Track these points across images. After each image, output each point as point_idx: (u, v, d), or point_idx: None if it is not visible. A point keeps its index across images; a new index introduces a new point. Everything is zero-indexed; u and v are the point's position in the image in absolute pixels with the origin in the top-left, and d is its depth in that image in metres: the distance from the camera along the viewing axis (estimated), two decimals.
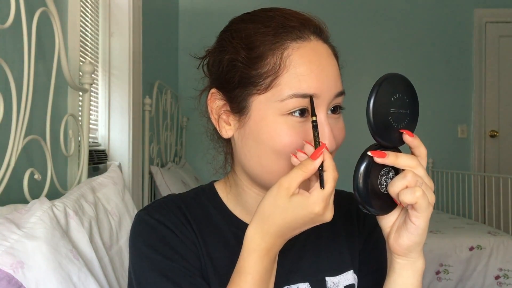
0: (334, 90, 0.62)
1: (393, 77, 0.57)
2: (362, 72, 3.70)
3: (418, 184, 0.55)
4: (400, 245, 0.58)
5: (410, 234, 0.57)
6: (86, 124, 1.42)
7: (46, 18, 1.16)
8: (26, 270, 0.78)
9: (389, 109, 0.56)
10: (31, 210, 0.91)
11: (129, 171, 1.95)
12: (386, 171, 0.58)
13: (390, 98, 0.56)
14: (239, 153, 0.66)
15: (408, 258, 0.60)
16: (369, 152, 0.56)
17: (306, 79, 0.60)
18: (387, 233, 0.60)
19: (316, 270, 0.70)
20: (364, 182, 0.56)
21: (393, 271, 0.61)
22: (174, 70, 3.38)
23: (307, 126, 0.61)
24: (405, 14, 3.80)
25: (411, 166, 0.56)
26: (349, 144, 4.07)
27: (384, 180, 0.58)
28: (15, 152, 1.00)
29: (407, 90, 0.58)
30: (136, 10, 2.02)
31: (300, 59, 0.61)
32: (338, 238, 0.74)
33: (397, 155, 0.56)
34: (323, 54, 0.63)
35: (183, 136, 3.39)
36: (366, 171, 0.56)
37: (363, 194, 0.56)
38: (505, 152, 3.85)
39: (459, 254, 2.51)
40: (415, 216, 0.56)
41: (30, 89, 1.05)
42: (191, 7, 3.58)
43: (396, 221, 0.60)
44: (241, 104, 0.63)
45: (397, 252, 0.59)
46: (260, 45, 0.62)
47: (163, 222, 0.66)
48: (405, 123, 0.58)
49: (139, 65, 2.08)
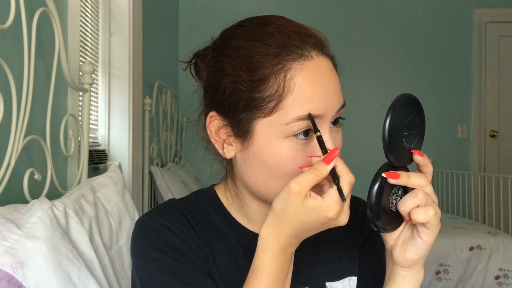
0: (336, 106, 0.62)
1: (405, 99, 0.58)
2: (361, 72, 3.70)
3: (428, 202, 0.56)
4: (405, 258, 0.60)
5: (417, 249, 0.58)
6: (86, 124, 1.42)
7: (46, 18, 1.16)
8: (26, 270, 0.78)
9: (402, 132, 0.58)
10: (31, 210, 0.91)
11: (129, 171, 1.95)
12: (396, 190, 0.60)
13: (404, 121, 0.58)
14: (242, 173, 0.65)
15: (411, 270, 0.61)
16: (383, 174, 0.58)
17: (311, 101, 0.59)
18: (391, 245, 0.61)
19: (316, 275, 0.70)
20: (377, 202, 0.57)
21: (394, 282, 0.62)
22: (174, 70, 3.38)
23: (311, 146, 0.61)
24: (405, 14, 3.80)
25: (421, 185, 0.57)
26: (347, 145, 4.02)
27: (394, 198, 0.60)
28: (15, 152, 1.00)
29: (418, 110, 0.60)
30: (136, 10, 2.02)
31: (303, 80, 0.59)
32: (338, 243, 0.74)
33: (409, 175, 0.57)
34: (326, 72, 0.62)
35: (183, 136, 3.39)
36: (379, 191, 0.58)
37: (376, 213, 0.57)
38: (505, 152, 3.85)
39: (459, 254, 2.51)
40: (425, 233, 0.57)
41: (30, 89, 1.05)
42: (191, 7, 3.58)
43: (401, 235, 0.61)
44: (245, 127, 0.62)
45: (402, 265, 0.61)
46: (262, 67, 0.60)
47: (168, 226, 0.66)
48: (415, 142, 0.60)
49: (139, 65, 2.08)
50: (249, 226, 0.70)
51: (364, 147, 3.71)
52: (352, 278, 0.73)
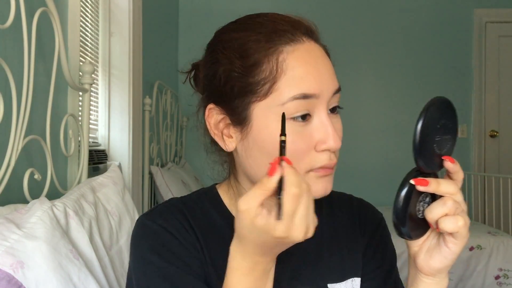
0: (332, 88, 0.62)
1: (439, 103, 0.56)
2: (361, 73, 3.70)
3: (458, 211, 0.54)
4: (430, 266, 0.58)
5: (443, 258, 0.57)
6: (86, 124, 1.42)
7: (46, 18, 1.16)
8: (26, 270, 0.78)
9: (434, 137, 0.56)
10: (31, 210, 0.91)
11: (129, 171, 1.95)
12: (424, 197, 0.58)
13: (436, 125, 0.56)
14: (244, 164, 0.65)
15: (436, 278, 0.60)
16: (412, 181, 0.56)
17: (305, 81, 0.60)
18: (415, 252, 0.60)
19: (318, 276, 0.70)
20: (403, 209, 0.56)
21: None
22: (174, 70, 3.38)
23: (310, 129, 0.61)
24: (405, 14, 3.80)
25: (451, 193, 0.55)
26: (347, 144, 4.06)
27: (422, 205, 0.58)
28: (15, 152, 1.00)
29: (451, 114, 0.58)
30: (136, 10, 2.02)
31: (296, 61, 0.60)
32: (340, 244, 0.73)
33: (439, 182, 0.55)
34: (318, 54, 0.63)
35: (183, 136, 3.39)
36: (407, 198, 0.56)
37: (402, 220, 0.56)
38: (505, 152, 3.85)
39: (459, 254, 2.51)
40: (453, 243, 0.56)
41: (30, 89, 1.05)
42: (191, 7, 3.58)
43: (426, 242, 0.59)
44: (242, 114, 0.62)
45: (425, 273, 0.59)
46: (254, 53, 0.61)
47: (165, 227, 0.65)
48: (446, 148, 0.58)
49: (139, 65, 2.08)
50: None
51: (364, 147, 3.71)
52: (355, 279, 0.72)
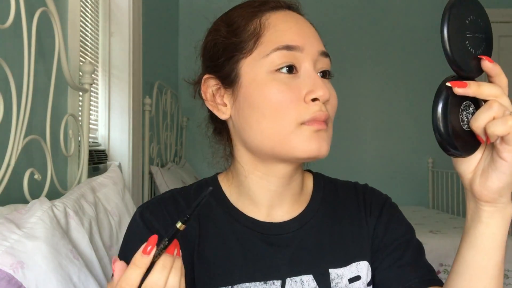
0: (316, 46, 0.65)
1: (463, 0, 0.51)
2: (361, 73, 3.70)
3: (506, 113, 0.49)
4: (489, 189, 0.52)
5: (501, 174, 0.51)
6: (86, 124, 1.42)
7: (46, 18, 1.16)
8: (26, 270, 0.78)
9: (465, 33, 0.50)
10: (31, 210, 0.91)
11: (129, 171, 1.95)
12: (466, 106, 0.51)
13: (465, 21, 0.50)
14: (239, 130, 0.67)
15: (498, 204, 0.54)
16: (448, 83, 0.50)
17: (287, 33, 0.63)
18: (469, 179, 0.54)
19: (319, 261, 0.69)
20: (444, 120, 0.49)
21: (479, 222, 0.55)
22: (174, 70, 3.38)
23: (297, 82, 0.62)
24: (405, 15, 3.80)
25: (495, 95, 0.50)
26: (347, 144, 4.05)
27: (465, 115, 0.51)
28: (15, 152, 1.00)
29: (480, 12, 0.52)
30: (136, 10, 2.02)
31: (277, 19, 0.65)
32: (343, 229, 0.72)
33: (479, 84, 0.50)
34: (300, 18, 0.67)
35: (183, 136, 3.39)
36: (445, 107, 0.49)
37: (445, 134, 0.49)
38: None
39: None
40: (508, 150, 0.49)
41: (30, 89, 1.05)
42: (191, 7, 3.58)
43: (480, 164, 0.54)
44: (232, 74, 0.65)
45: (485, 199, 0.53)
46: (238, 19, 0.66)
47: (151, 221, 0.67)
48: (482, 49, 0.52)
49: (139, 65, 2.08)
50: (249, 210, 0.70)
51: (364, 146, 3.71)
52: (359, 263, 0.70)
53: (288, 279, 0.67)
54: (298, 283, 0.67)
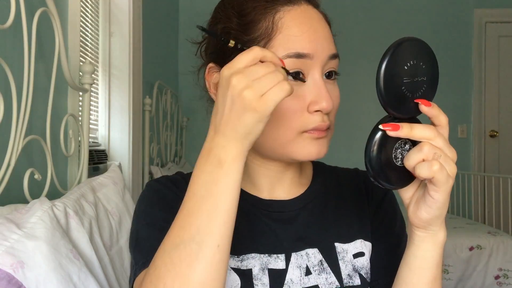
0: (327, 51, 0.63)
1: (405, 43, 0.52)
2: (360, 72, 3.70)
3: (435, 156, 0.51)
4: (418, 218, 0.56)
5: (429, 208, 0.54)
6: (86, 124, 1.42)
7: (46, 18, 1.16)
8: (26, 270, 0.78)
9: (402, 79, 0.52)
10: (31, 210, 0.91)
11: (129, 171, 1.95)
12: (401, 144, 0.54)
13: (403, 67, 0.52)
14: None
15: (428, 231, 0.57)
16: (381, 126, 0.52)
17: (299, 40, 0.60)
18: (407, 204, 0.58)
19: (324, 237, 0.70)
20: (376, 156, 0.52)
21: (412, 243, 0.59)
22: (174, 70, 3.38)
23: (302, 89, 0.61)
24: (405, 14, 3.80)
25: (428, 137, 0.52)
26: (348, 144, 4.05)
27: (400, 153, 0.54)
28: (15, 152, 1.00)
29: (422, 54, 0.53)
30: (136, 10, 2.02)
31: (291, 21, 0.61)
32: (346, 209, 0.74)
33: (412, 127, 0.52)
34: (314, 17, 0.64)
35: (183, 136, 3.39)
36: (379, 145, 0.52)
37: (376, 167, 0.53)
38: (505, 152, 3.85)
39: (459, 254, 2.51)
40: (434, 190, 0.52)
41: (30, 89, 1.05)
42: (191, 7, 3.58)
43: (416, 193, 0.57)
44: None
45: (416, 225, 0.57)
46: (251, 11, 0.63)
47: (168, 187, 0.68)
48: (421, 91, 0.54)
49: (139, 65, 2.08)
50: (252, 191, 0.71)
51: (364, 146, 3.70)
52: (364, 242, 0.71)
53: (294, 253, 0.67)
54: (304, 256, 0.67)
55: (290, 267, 0.66)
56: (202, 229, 0.50)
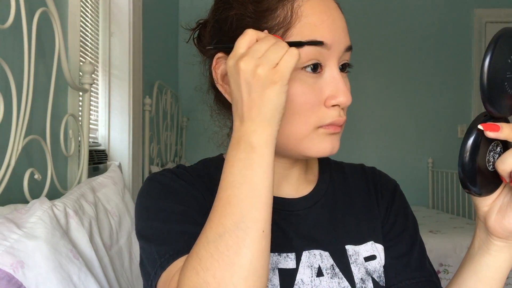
0: (344, 42, 0.61)
1: (509, 34, 0.49)
2: (361, 72, 3.70)
3: None
4: (504, 227, 0.53)
5: None
6: (86, 124, 1.42)
7: (46, 18, 1.16)
8: (26, 270, 0.78)
9: (505, 74, 0.49)
10: (31, 210, 0.91)
11: (129, 171, 1.95)
12: (494, 146, 0.51)
13: (507, 60, 0.49)
14: None
15: (509, 241, 0.54)
16: (480, 126, 0.49)
17: (319, 29, 0.58)
18: (485, 212, 0.55)
19: (334, 239, 0.67)
20: (471, 160, 0.49)
21: (488, 253, 0.56)
22: (174, 70, 3.38)
23: (320, 82, 0.59)
24: (405, 14, 3.80)
25: None
26: (348, 144, 4.05)
27: (492, 156, 0.51)
28: (15, 152, 1.00)
29: None
30: (136, 10, 2.02)
31: (311, 9, 0.58)
32: (355, 209, 0.71)
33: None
34: (332, 7, 0.61)
35: (183, 136, 3.39)
36: (475, 147, 0.49)
37: (470, 173, 0.49)
38: None
39: (459, 254, 2.51)
40: None
41: (30, 89, 1.05)
42: (191, 7, 3.58)
43: (498, 200, 0.54)
44: None
45: (498, 234, 0.54)
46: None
47: (174, 180, 0.65)
48: None
49: (139, 65, 2.08)
50: None
51: (364, 146, 3.71)
52: (374, 244, 0.69)
53: (305, 252, 0.65)
54: (317, 255, 0.65)
55: (301, 266, 0.64)
56: (246, 215, 0.48)
